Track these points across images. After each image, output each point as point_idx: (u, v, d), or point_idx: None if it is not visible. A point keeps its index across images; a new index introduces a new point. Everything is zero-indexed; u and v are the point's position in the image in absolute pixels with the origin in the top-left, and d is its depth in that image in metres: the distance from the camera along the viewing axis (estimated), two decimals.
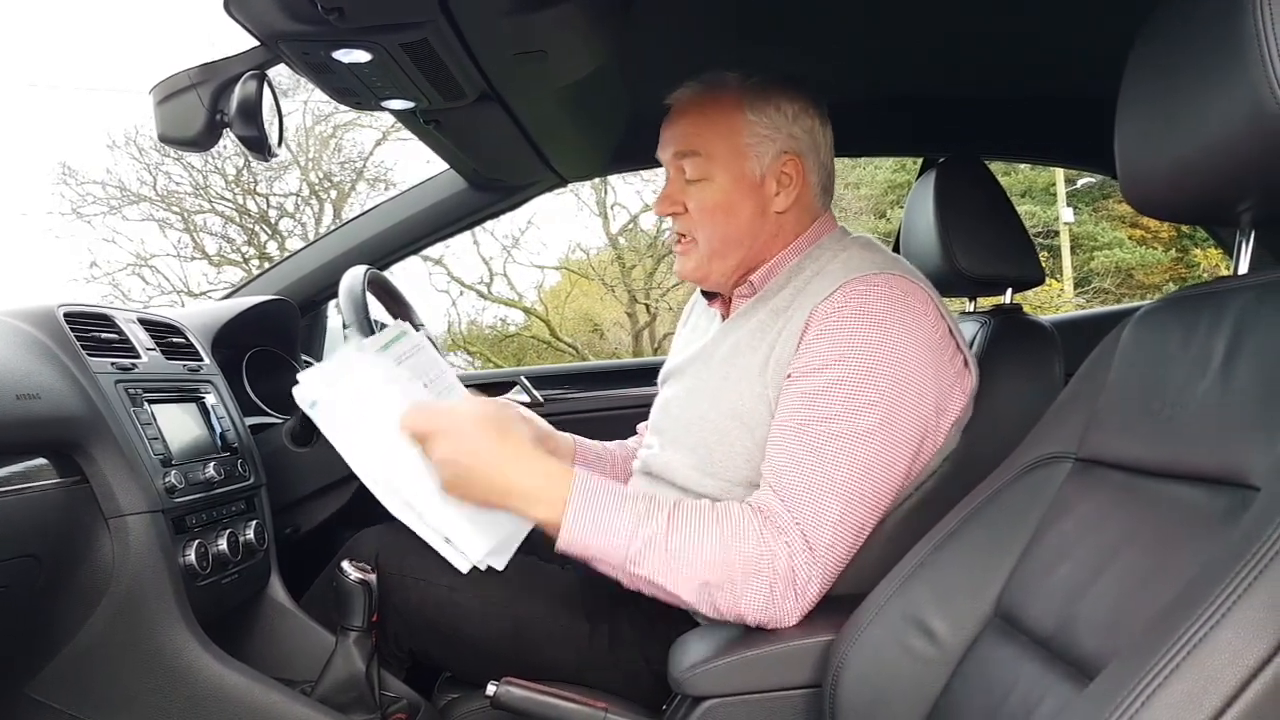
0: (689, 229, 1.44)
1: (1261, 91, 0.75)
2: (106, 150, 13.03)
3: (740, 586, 1.20)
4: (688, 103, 1.44)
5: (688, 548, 1.20)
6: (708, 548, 1.20)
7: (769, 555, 1.20)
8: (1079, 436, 1.03)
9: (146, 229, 12.41)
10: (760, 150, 1.41)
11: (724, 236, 1.43)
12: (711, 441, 1.38)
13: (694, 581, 1.20)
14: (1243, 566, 0.65)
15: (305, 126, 12.02)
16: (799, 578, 1.20)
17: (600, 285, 13.05)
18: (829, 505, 1.21)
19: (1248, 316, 0.85)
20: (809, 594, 1.22)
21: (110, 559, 1.27)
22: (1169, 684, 0.64)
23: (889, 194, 15.51)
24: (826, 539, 1.21)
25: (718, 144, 1.41)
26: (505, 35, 1.24)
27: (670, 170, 1.45)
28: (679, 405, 1.49)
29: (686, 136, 1.42)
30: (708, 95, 1.43)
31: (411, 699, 1.47)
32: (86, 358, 1.32)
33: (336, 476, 1.75)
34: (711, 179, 1.41)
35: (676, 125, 1.44)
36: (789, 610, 1.21)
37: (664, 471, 1.45)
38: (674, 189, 1.44)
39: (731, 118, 1.41)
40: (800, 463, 1.23)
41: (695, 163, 1.41)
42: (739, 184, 1.41)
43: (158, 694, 1.32)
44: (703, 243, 1.44)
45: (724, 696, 1.23)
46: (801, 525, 1.21)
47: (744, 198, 1.42)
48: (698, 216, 1.43)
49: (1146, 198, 0.94)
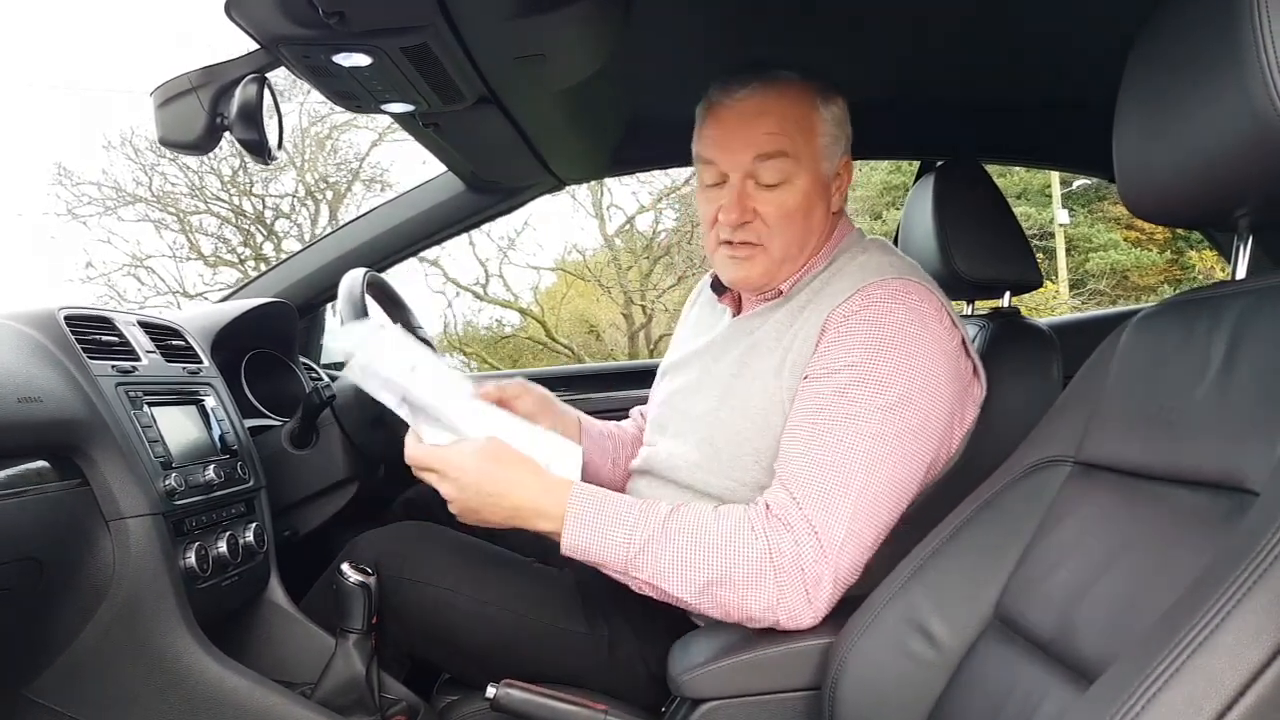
0: (759, 236, 1.38)
1: (1259, 97, 0.75)
2: (102, 151, 12.98)
3: (744, 585, 1.19)
4: (761, 102, 1.36)
5: (687, 547, 1.20)
6: (708, 546, 1.20)
7: (774, 552, 1.19)
8: (1078, 440, 1.04)
9: (142, 230, 12.38)
10: (832, 150, 1.40)
11: (799, 241, 1.39)
12: (719, 440, 1.38)
13: (695, 582, 1.20)
14: (1243, 570, 0.66)
15: (301, 128, 12.02)
16: (808, 575, 1.18)
17: (596, 286, 13.04)
18: (842, 502, 1.20)
19: (1246, 321, 0.85)
20: (821, 592, 1.19)
21: (110, 561, 1.27)
22: (1169, 687, 0.64)
23: (884, 195, 15.52)
24: (838, 536, 1.19)
25: (802, 145, 1.36)
26: (505, 39, 1.24)
27: (738, 175, 1.37)
28: (683, 399, 1.49)
29: (770, 138, 1.35)
30: (782, 94, 1.37)
31: (411, 701, 1.47)
32: (87, 360, 1.32)
33: (335, 479, 1.75)
34: (792, 181, 1.36)
35: (754, 125, 1.36)
36: (799, 608, 1.19)
37: (667, 469, 1.44)
38: (745, 194, 1.37)
39: (810, 116, 1.37)
40: (815, 460, 1.22)
41: (778, 165, 1.35)
42: (816, 185, 1.38)
43: (158, 696, 1.32)
44: (776, 249, 1.38)
45: (723, 699, 1.23)
46: (812, 521, 1.19)
47: (819, 199, 1.39)
48: (775, 222, 1.37)
49: (1144, 202, 0.95)
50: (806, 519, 1.19)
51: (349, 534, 1.61)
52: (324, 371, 2.26)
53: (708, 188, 1.42)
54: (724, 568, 1.19)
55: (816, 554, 1.18)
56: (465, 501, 1.28)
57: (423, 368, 1.33)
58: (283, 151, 1.36)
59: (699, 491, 1.39)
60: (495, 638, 1.43)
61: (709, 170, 1.41)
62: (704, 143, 1.41)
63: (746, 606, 1.20)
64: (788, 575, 1.18)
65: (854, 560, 1.21)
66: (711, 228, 1.42)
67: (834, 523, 1.19)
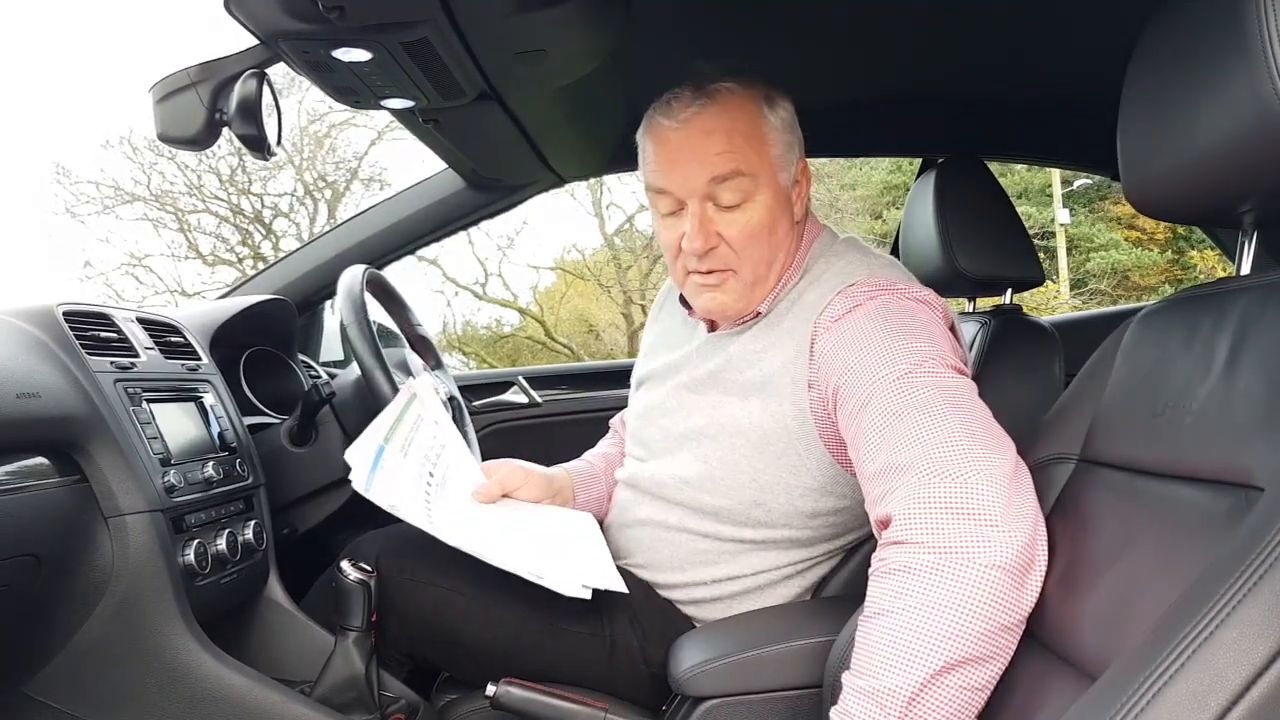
0: (725, 261, 1.32)
1: (1264, 92, 0.75)
2: (101, 150, 13.01)
3: (970, 608, 0.93)
4: (706, 120, 1.29)
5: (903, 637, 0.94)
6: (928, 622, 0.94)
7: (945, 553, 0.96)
8: (1081, 437, 1.04)
9: (140, 229, 12.42)
10: (787, 159, 1.34)
11: (767, 259, 1.33)
12: (713, 459, 1.36)
13: (936, 658, 0.93)
14: (1247, 566, 0.65)
15: (300, 126, 12.04)
16: (984, 520, 0.96)
17: (596, 286, 13.05)
18: (961, 443, 1.02)
19: (1251, 317, 0.85)
20: (1025, 515, 0.97)
21: (109, 558, 1.26)
22: (1174, 683, 0.64)
23: (884, 195, 15.54)
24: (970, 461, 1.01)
25: (756, 160, 1.29)
26: (505, 34, 1.24)
27: (695, 200, 1.30)
28: (663, 415, 1.46)
29: (723, 157, 1.28)
30: (725, 108, 1.29)
31: (410, 699, 1.47)
32: (86, 357, 1.32)
33: (334, 477, 1.75)
34: (753, 199, 1.30)
35: (705, 146, 1.28)
36: (1008, 545, 0.94)
37: (655, 487, 1.43)
38: (706, 219, 1.30)
39: (759, 128, 1.31)
40: (902, 444, 1.06)
41: (735, 185, 1.29)
42: (778, 199, 1.32)
43: (157, 693, 1.32)
44: (746, 270, 1.32)
45: (723, 697, 1.23)
46: (959, 482, 0.99)
47: (782, 213, 1.33)
48: (741, 245, 1.31)
49: (1148, 198, 0.95)
50: (959, 485, 0.99)
51: (348, 532, 1.61)
52: (323, 369, 2.26)
53: (665, 217, 1.35)
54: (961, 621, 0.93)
55: (974, 497, 0.98)
56: None
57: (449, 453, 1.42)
58: (281, 150, 1.36)
59: (691, 509, 1.38)
60: (495, 636, 1.42)
61: (663, 200, 1.34)
62: (654, 171, 1.34)
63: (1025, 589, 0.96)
64: (971, 548, 0.95)
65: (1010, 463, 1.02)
66: (676, 258, 1.36)
67: (955, 459, 1.01)
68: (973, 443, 1.03)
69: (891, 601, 0.96)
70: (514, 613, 1.43)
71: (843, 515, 1.34)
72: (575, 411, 2.53)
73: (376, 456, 1.33)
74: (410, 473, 1.37)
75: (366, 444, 1.35)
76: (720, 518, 1.36)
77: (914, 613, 0.94)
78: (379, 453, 1.34)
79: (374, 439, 1.36)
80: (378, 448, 1.35)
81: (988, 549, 0.94)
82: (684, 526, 1.39)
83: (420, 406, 1.48)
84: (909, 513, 1.00)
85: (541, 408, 2.51)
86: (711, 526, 1.37)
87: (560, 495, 1.57)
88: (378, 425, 1.39)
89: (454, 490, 1.42)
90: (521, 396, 2.51)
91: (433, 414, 1.49)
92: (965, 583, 0.93)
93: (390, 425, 1.40)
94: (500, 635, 1.43)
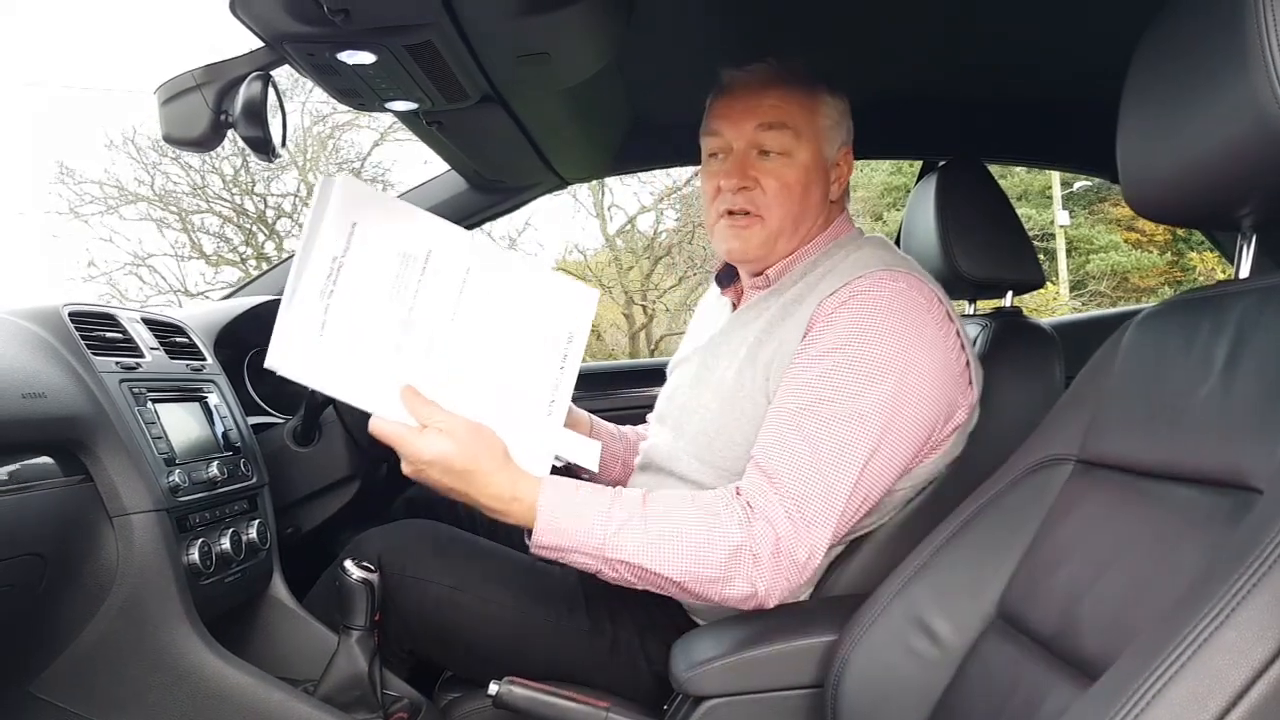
0: (757, 205, 1.41)
1: (1264, 96, 0.75)
2: (104, 150, 12.99)
3: (722, 576, 1.20)
4: (769, 77, 1.42)
5: (666, 529, 1.20)
6: (687, 528, 1.20)
7: (748, 541, 1.20)
8: (1081, 438, 1.04)
9: (144, 229, 12.37)
10: (833, 136, 1.44)
11: (795, 216, 1.42)
12: (711, 430, 1.39)
13: (677, 565, 1.20)
14: (1247, 567, 0.66)
15: (303, 127, 12.04)
16: (783, 557, 1.20)
17: (597, 286, 13.04)
18: (814, 480, 1.21)
19: (1250, 320, 0.85)
20: (798, 570, 1.21)
21: (114, 558, 1.27)
22: (1173, 684, 0.64)
23: (885, 196, 15.54)
24: (814, 510, 1.21)
25: (804, 121, 1.40)
26: (509, 37, 1.24)
27: (741, 143, 1.41)
28: (683, 393, 1.50)
29: (775, 108, 1.40)
30: (790, 73, 1.42)
31: (413, 698, 1.47)
32: (91, 357, 1.32)
33: (338, 476, 1.75)
34: (793, 155, 1.40)
35: (761, 97, 1.40)
36: (779, 589, 1.22)
37: (666, 461, 1.45)
38: (747, 162, 1.41)
39: (815, 98, 1.42)
40: (790, 442, 1.24)
41: (780, 136, 1.39)
42: (816, 164, 1.42)
43: (161, 693, 1.32)
44: (773, 220, 1.41)
45: (725, 696, 1.23)
46: (784, 498, 1.21)
47: (817, 180, 1.43)
48: (773, 192, 1.40)
49: (1148, 201, 0.95)
50: (780, 499, 1.21)
51: (351, 532, 1.61)
52: None
53: (710, 159, 1.46)
54: (702, 553, 1.20)
55: (791, 534, 1.20)
56: (448, 468, 1.18)
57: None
58: (285, 151, 1.36)
59: (694, 482, 1.39)
60: (498, 635, 1.43)
61: (713, 140, 1.45)
62: (711, 117, 1.46)
63: (726, 595, 1.22)
64: (765, 563, 1.20)
65: (829, 530, 1.22)
66: (714, 200, 1.45)
67: (810, 500, 1.21)
68: (825, 498, 1.22)
69: (681, 508, 1.22)
70: (516, 611, 1.43)
71: None
72: None
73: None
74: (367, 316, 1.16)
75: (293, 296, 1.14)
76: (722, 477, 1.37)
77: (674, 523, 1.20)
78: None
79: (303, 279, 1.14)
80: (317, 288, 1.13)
81: (766, 589, 1.21)
82: None
83: (349, 201, 1.19)
84: (755, 506, 1.21)
85: None
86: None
87: (573, 422, 1.60)
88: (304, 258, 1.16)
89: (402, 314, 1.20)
90: None
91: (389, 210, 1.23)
92: (725, 548, 1.18)
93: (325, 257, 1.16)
94: (502, 633, 1.43)
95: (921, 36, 1.73)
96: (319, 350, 1.17)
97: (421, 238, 1.21)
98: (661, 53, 1.70)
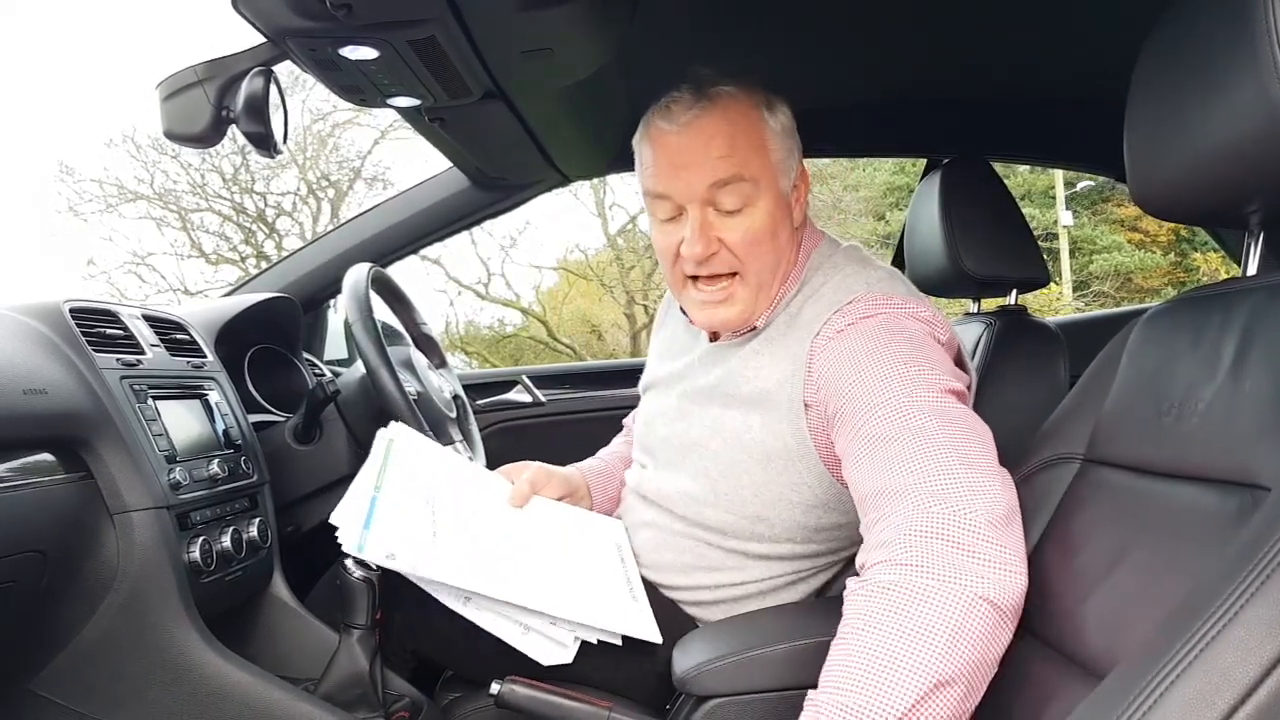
0: (731, 265, 1.29)
1: (1272, 92, 0.75)
2: (104, 148, 13.03)
3: (958, 630, 0.89)
4: (707, 124, 1.26)
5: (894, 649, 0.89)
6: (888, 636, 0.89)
7: (930, 568, 0.92)
8: (1086, 437, 1.04)
9: (144, 227, 12.44)
10: (787, 164, 1.32)
11: (771, 266, 1.31)
12: (714, 473, 1.35)
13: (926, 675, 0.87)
14: (1254, 565, 0.65)
15: (303, 125, 12.06)
16: (978, 554, 0.92)
17: (598, 286, 13.05)
18: (958, 472, 0.99)
19: (1258, 317, 0.85)
20: (1019, 555, 0.94)
21: (115, 555, 1.27)
22: (1181, 682, 0.64)
23: (888, 196, 15.53)
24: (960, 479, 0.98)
25: (758, 165, 1.27)
26: (512, 33, 1.24)
27: (696, 206, 1.28)
28: (665, 425, 1.46)
29: (725, 162, 1.25)
30: (726, 112, 1.27)
31: (415, 697, 1.47)
32: (92, 354, 1.32)
33: (338, 475, 1.75)
34: (755, 205, 1.28)
35: (706, 148, 1.26)
36: (993, 571, 0.92)
37: (661, 498, 1.43)
38: (706, 224, 1.28)
39: (760, 132, 1.28)
40: (908, 469, 1.02)
41: (737, 190, 1.26)
42: (778, 204, 1.30)
43: (161, 690, 1.32)
44: (752, 278, 1.30)
45: (727, 696, 1.23)
46: (954, 511, 0.95)
47: (782, 218, 1.31)
48: (744, 251, 1.28)
49: (1155, 198, 0.95)
50: (953, 517, 0.95)
51: None
52: (327, 367, 2.26)
53: (663, 223, 1.33)
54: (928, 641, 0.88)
55: (947, 514, 0.95)
56: None
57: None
58: (285, 147, 1.35)
59: (694, 523, 1.38)
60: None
61: (662, 205, 1.32)
62: (653, 176, 1.31)
63: (999, 635, 0.92)
64: (968, 565, 0.92)
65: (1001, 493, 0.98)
66: (674, 263, 1.33)
67: (951, 487, 0.98)
68: (970, 473, 0.99)
69: (879, 619, 0.90)
70: None
71: (846, 530, 1.34)
72: (579, 411, 2.54)
73: (370, 508, 1.25)
74: (412, 517, 1.28)
75: (354, 501, 1.25)
76: (724, 532, 1.36)
77: (903, 632, 0.88)
78: (372, 504, 1.25)
79: (363, 493, 1.27)
80: (369, 499, 1.26)
81: (982, 582, 0.90)
82: (689, 534, 1.39)
83: (406, 447, 1.40)
84: (900, 538, 0.95)
85: (545, 407, 2.51)
86: (716, 539, 1.37)
87: (577, 494, 1.57)
88: (363, 479, 1.30)
89: (471, 520, 1.35)
90: (526, 395, 2.51)
91: (421, 450, 1.43)
92: (958, 609, 0.88)
93: (377, 473, 1.31)
94: None
95: (925, 34, 1.72)
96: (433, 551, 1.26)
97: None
98: (664, 49, 1.69)
